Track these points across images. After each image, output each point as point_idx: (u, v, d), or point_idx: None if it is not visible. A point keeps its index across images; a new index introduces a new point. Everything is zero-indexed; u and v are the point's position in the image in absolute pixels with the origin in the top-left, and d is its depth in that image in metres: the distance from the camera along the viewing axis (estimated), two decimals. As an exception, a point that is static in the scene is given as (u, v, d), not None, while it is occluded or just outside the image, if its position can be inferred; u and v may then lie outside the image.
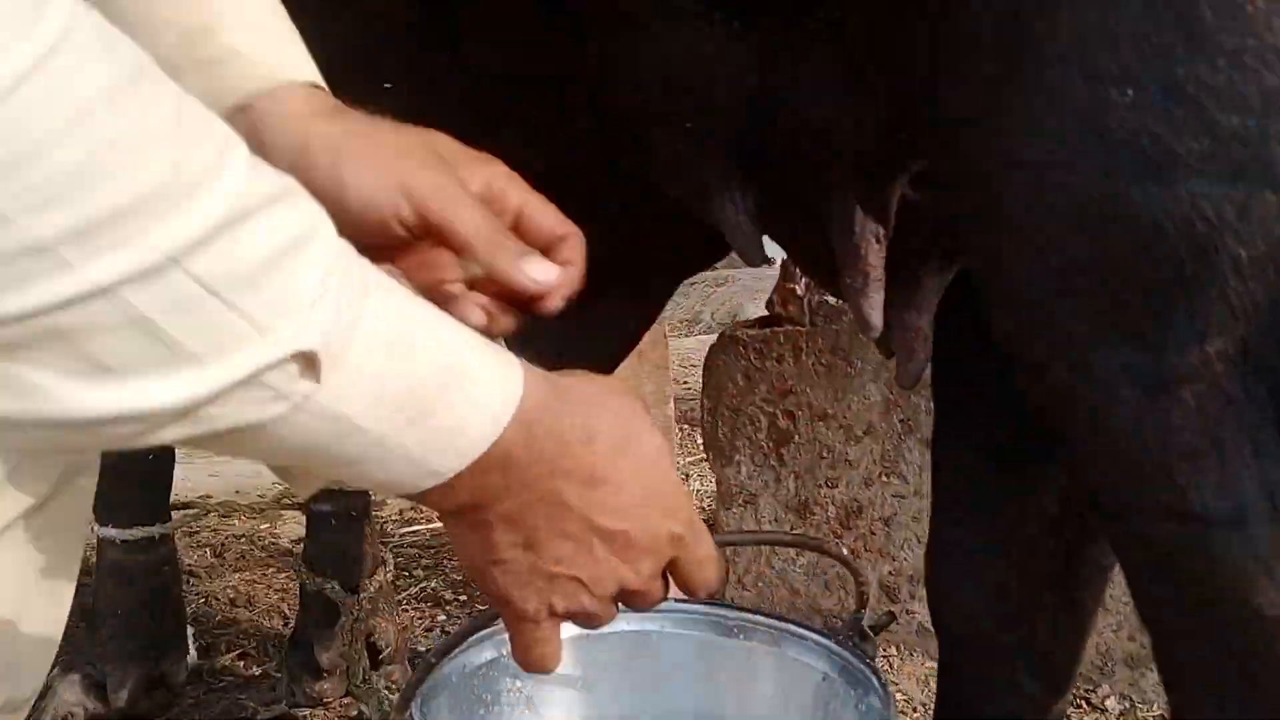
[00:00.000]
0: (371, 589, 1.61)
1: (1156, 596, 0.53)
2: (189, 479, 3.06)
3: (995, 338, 0.61)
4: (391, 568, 1.96)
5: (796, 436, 1.79)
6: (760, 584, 1.82)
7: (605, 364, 1.23)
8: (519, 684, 0.90)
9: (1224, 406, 0.48)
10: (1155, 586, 0.53)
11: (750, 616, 0.91)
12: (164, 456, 1.56)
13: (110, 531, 1.54)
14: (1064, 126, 0.52)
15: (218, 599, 2.07)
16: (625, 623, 0.90)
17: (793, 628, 0.88)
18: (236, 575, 2.22)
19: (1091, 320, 0.51)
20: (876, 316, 0.71)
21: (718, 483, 1.85)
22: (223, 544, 2.40)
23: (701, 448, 2.73)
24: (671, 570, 0.61)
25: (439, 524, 2.52)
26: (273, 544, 2.42)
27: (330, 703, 1.56)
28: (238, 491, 2.82)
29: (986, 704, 0.85)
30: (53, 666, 1.54)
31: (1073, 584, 0.81)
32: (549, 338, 0.74)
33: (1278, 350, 0.48)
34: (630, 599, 0.60)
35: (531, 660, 0.60)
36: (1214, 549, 0.48)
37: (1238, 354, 0.48)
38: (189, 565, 2.23)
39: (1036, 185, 0.54)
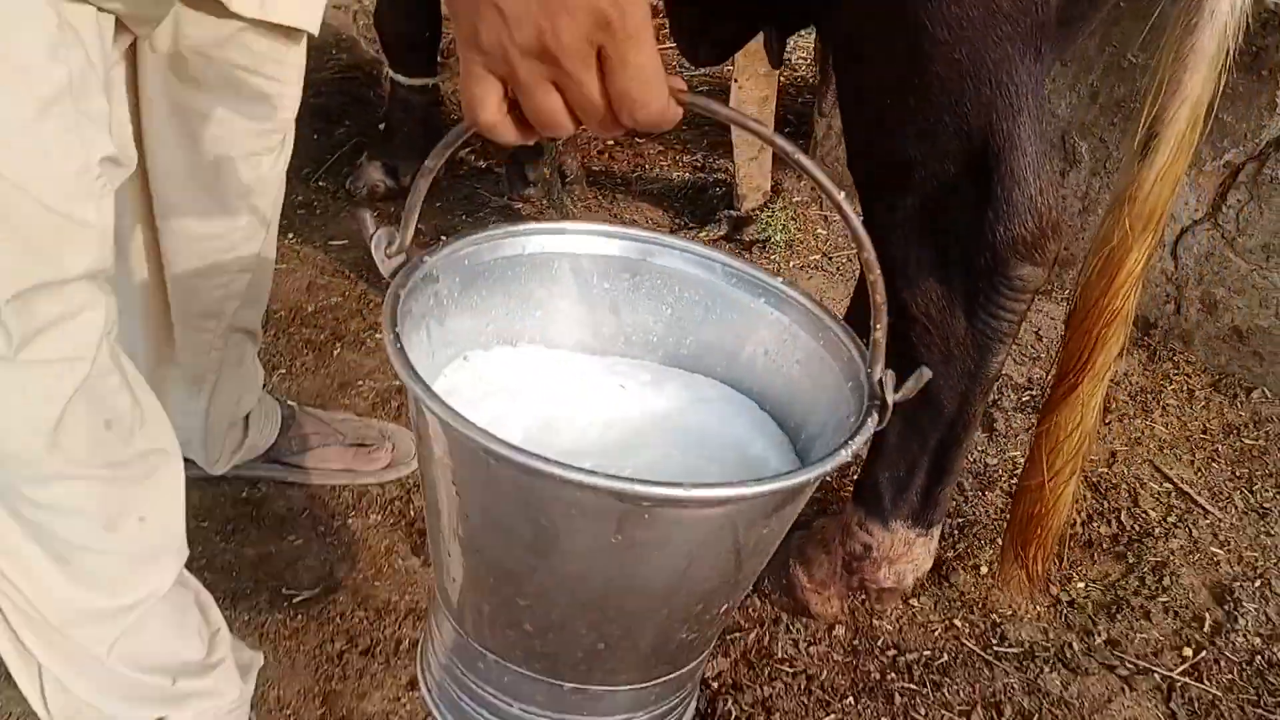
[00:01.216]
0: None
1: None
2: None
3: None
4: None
5: None
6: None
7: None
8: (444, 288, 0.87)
9: None
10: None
11: (755, 273, 0.91)
12: (434, 24, 2.26)
13: (399, 77, 2.31)
14: None
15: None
16: (613, 247, 0.93)
17: (801, 299, 0.88)
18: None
19: None
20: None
21: None
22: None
23: None
24: (603, 67, 0.59)
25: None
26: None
27: (534, 203, 2.39)
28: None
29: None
30: (359, 155, 2.42)
31: None
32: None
33: None
34: (562, 85, 0.60)
35: (465, 98, 0.63)
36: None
37: None
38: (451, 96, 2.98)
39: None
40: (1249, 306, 1.92)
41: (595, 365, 0.94)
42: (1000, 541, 1.50)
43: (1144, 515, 1.70)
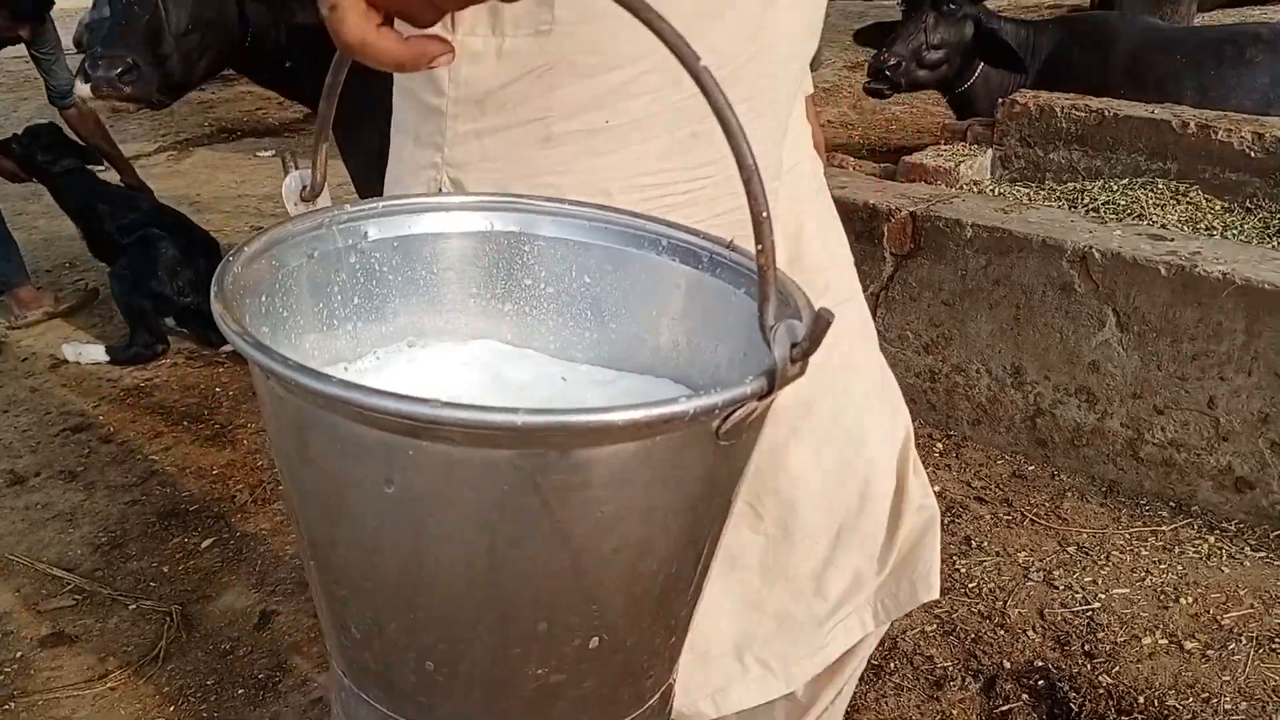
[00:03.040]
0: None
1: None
2: None
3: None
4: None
5: None
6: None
7: None
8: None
9: None
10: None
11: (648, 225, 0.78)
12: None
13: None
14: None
15: None
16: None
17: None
18: None
19: None
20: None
21: None
22: None
23: None
24: None
25: None
26: None
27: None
28: None
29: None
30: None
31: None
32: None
33: None
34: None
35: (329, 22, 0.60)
36: None
37: None
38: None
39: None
40: (915, 382, 2.91)
41: (559, 367, 0.83)
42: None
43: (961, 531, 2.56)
